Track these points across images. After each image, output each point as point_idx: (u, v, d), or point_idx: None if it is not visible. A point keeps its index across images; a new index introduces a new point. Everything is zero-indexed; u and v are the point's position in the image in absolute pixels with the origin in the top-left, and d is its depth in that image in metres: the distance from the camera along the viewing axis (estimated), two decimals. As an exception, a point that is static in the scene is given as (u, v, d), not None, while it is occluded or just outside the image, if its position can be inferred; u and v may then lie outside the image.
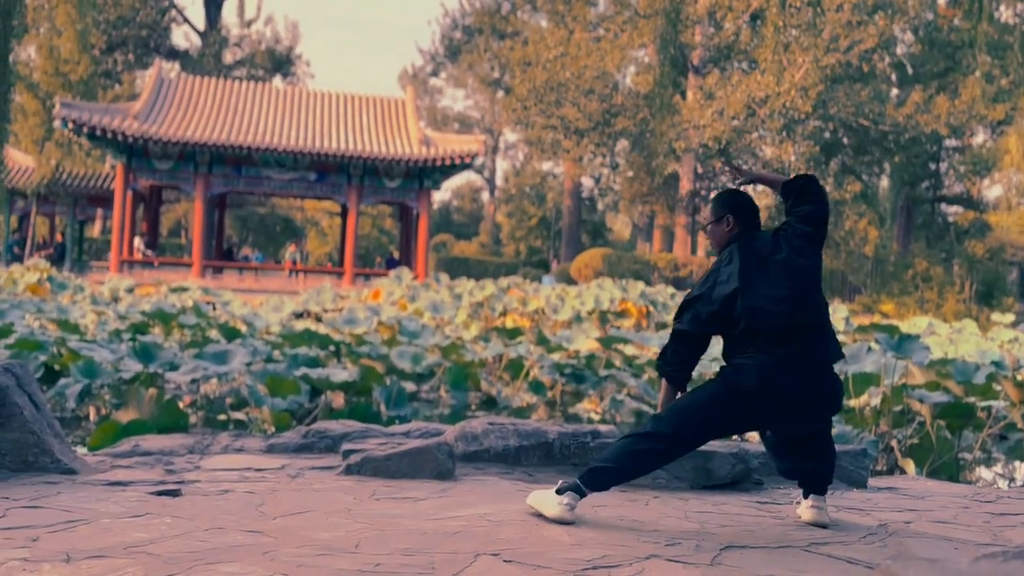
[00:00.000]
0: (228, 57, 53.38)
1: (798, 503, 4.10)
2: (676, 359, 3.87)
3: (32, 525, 3.27)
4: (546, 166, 57.07)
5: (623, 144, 46.01)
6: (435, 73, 67.89)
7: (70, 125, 29.88)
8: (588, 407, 11.27)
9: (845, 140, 41.68)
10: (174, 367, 10.20)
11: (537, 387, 11.69)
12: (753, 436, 9.41)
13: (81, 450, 5.46)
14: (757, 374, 3.65)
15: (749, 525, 3.85)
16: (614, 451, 3.76)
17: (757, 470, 4.94)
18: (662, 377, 3.93)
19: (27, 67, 38.86)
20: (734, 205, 3.99)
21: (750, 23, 40.09)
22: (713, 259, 3.99)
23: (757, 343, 3.69)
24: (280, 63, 54.88)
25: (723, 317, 3.74)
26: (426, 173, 33.82)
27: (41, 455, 4.27)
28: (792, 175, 4.23)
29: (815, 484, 3.98)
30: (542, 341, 13.82)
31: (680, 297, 25.43)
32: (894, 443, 8.41)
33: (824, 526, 3.88)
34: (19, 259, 34.07)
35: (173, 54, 52.27)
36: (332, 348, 12.47)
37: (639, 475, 3.90)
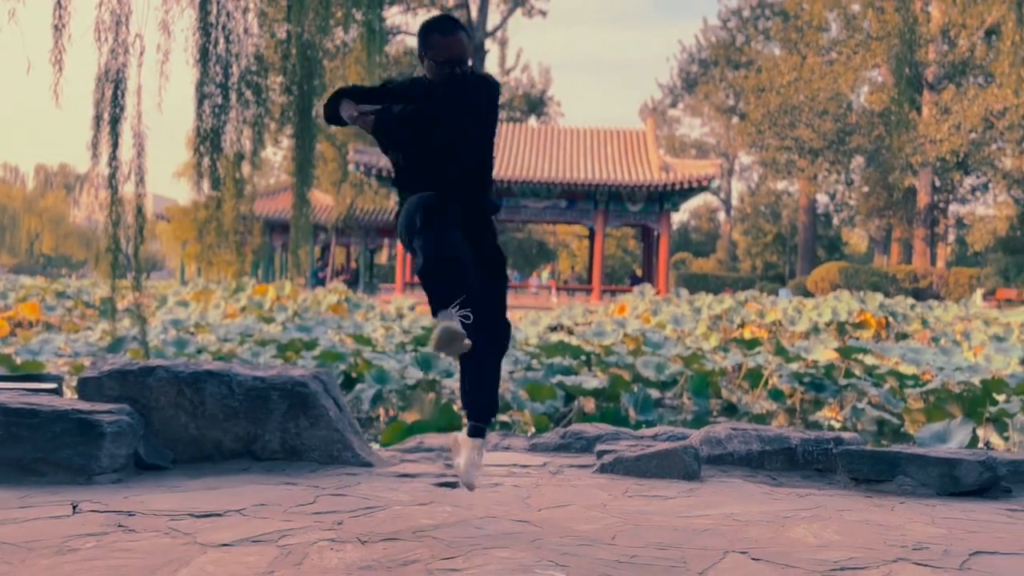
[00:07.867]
0: (490, 102, 55.41)
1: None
2: None
3: (337, 511, 3.50)
4: (780, 185, 55.34)
5: (858, 161, 44.03)
6: (673, 104, 67.46)
7: (361, 168, 32.20)
8: (828, 415, 10.81)
9: (1090, 149, 38.04)
10: (449, 374, 10.68)
11: (776, 395, 11.34)
12: (999, 443, 8.71)
13: (375, 446, 5.78)
14: None
15: (999, 532, 3.53)
16: None
17: (1005, 478, 4.55)
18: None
19: (325, 120, 42.22)
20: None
21: (985, 39, 37.46)
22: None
23: None
24: (534, 105, 56.26)
25: None
26: (666, 197, 33.63)
27: (344, 450, 4.57)
28: None
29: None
30: (780, 351, 13.38)
31: (920, 309, 23.92)
32: None
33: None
34: (322, 283, 36.93)
35: (446, 102, 54.93)
36: (583, 358, 12.60)
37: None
